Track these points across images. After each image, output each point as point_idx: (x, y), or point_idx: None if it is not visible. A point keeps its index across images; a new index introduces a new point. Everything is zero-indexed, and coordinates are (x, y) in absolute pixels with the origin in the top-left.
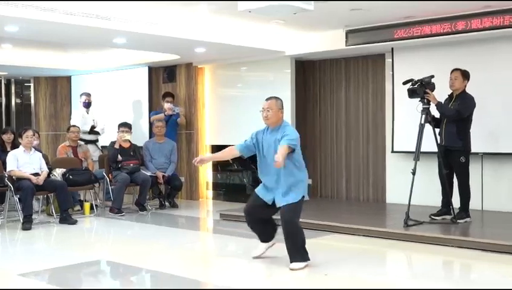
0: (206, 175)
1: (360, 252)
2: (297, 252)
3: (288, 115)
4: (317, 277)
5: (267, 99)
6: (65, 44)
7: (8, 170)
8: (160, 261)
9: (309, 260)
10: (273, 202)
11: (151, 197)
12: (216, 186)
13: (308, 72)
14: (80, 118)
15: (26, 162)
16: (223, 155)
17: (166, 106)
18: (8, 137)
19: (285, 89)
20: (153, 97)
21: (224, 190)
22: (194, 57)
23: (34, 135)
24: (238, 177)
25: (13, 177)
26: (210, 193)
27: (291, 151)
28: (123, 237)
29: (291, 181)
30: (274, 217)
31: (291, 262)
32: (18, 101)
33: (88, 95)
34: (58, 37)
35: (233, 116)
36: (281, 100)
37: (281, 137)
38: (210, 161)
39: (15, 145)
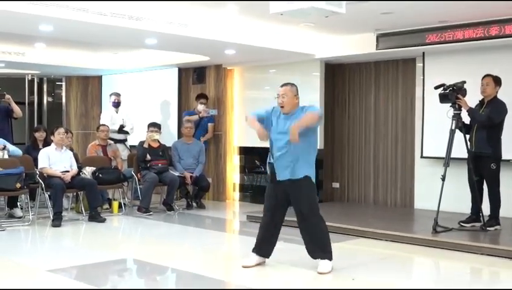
0: (233, 176)
1: (387, 257)
2: (322, 250)
3: None
4: (344, 282)
5: (281, 86)
6: (97, 44)
7: (39, 167)
8: (185, 261)
9: (332, 259)
10: (282, 195)
11: (178, 197)
12: (243, 187)
13: (338, 76)
14: (109, 118)
15: (57, 160)
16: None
17: (200, 107)
18: (40, 135)
19: (314, 92)
20: (183, 98)
21: (251, 192)
22: (223, 59)
23: (66, 133)
24: (265, 179)
25: (44, 174)
26: (237, 194)
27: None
28: (150, 236)
29: (298, 158)
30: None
31: (315, 258)
32: (50, 99)
33: (117, 95)
34: (90, 37)
35: None
36: (296, 86)
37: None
38: (256, 126)
39: (47, 143)
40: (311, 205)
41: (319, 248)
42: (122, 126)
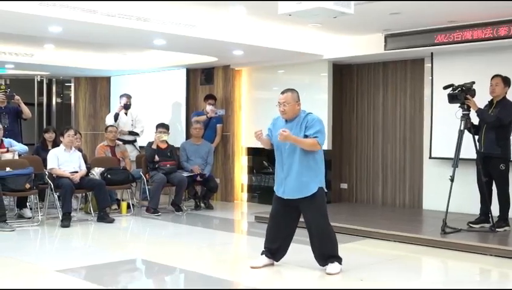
0: (241, 177)
1: (395, 258)
2: (332, 256)
3: (325, 118)
4: (352, 282)
5: (282, 93)
6: (106, 45)
7: (48, 168)
8: (193, 261)
9: (341, 263)
10: (291, 205)
11: (186, 198)
12: (251, 188)
13: (346, 76)
14: (111, 119)
15: (66, 160)
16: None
17: (209, 108)
18: (49, 136)
19: (322, 93)
20: (191, 99)
21: (259, 192)
22: (231, 59)
23: (75, 135)
24: (273, 180)
25: (53, 175)
26: (245, 195)
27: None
28: (158, 237)
29: (303, 175)
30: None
31: (326, 265)
32: (59, 100)
33: (128, 97)
34: (99, 38)
35: (270, 118)
36: (297, 92)
37: (305, 128)
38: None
39: (56, 144)
40: (323, 213)
41: (328, 256)
42: (131, 132)
